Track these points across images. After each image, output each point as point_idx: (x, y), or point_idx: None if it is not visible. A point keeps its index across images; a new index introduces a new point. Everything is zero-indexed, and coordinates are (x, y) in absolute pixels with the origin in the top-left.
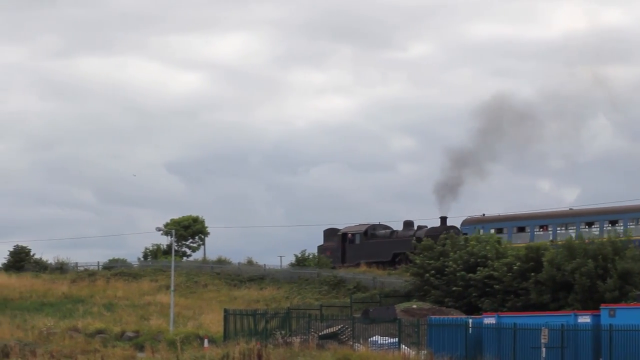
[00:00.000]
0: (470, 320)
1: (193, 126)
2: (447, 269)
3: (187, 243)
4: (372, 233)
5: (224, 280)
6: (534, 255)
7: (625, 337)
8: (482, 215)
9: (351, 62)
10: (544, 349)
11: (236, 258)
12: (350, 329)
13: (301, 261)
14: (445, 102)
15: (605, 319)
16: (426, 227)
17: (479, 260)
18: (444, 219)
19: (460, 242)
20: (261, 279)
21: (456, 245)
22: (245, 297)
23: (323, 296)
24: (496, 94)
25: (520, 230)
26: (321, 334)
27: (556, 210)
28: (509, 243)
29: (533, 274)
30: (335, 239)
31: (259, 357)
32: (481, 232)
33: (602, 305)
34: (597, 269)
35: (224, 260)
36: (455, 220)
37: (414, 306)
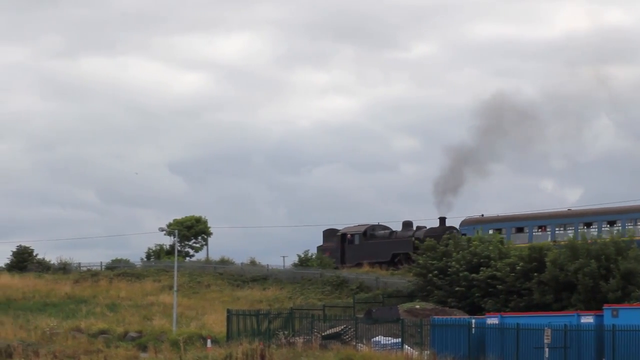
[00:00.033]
0: (473, 321)
1: (196, 126)
2: (450, 269)
3: (190, 243)
4: (372, 233)
5: (227, 281)
6: (536, 255)
7: (628, 338)
8: (481, 215)
9: (354, 62)
10: (546, 349)
11: (239, 258)
12: (353, 329)
13: (304, 261)
14: (448, 102)
15: (608, 319)
16: (425, 228)
17: (482, 260)
18: (443, 220)
19: (463, 243)
20: (264, 279)
21: (459, 245)
22: (248, 298)
23: (326, 296)
24: (497, 92)
25: (519, 231)
26: (324, 334)
27: (555, 211)
28: (511, 243)
29: (536, 274)
30: (335, 240)
31: (262, 358)
32: (480, 233)
33: (605, 306)
34: (600, 269)
35: (227, 260)
36: (454, 221)
37: (417, 306)
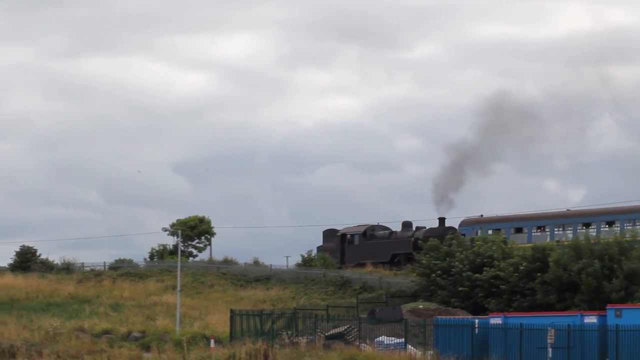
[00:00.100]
0: (476, 321)
1: (199, 126)
2: (454, 269)
3: (193, 243)
4: (371, 234)
5: (230, 281)
6: (540, 255)
7: (631, 337)
8: (480, 216)
9: (357, 62)
10: (550, 349)
11: (242, 258)
12: (356, 329)
13: (307, 261)
14: (452, 102)
15: (611, 319)
16: (425, 228)
17: (485, 260)
18: (442, 220)
19: (467, 243)
20: (267, 279)
21: (462, 245)
22: (252, 298)
23: (329, 296)
24: (498, 90)
25: (518, 231)
26: (327, 334)
27: (553, 211)
28: (513, 243)
29: (539, 274)
30: (335, 240)
31: (265, 358)
32: (479, 233)
33: (609, 306)
34: (604, 270)
35: (230, 260)
36: (456, 221)
37: (420, 306)
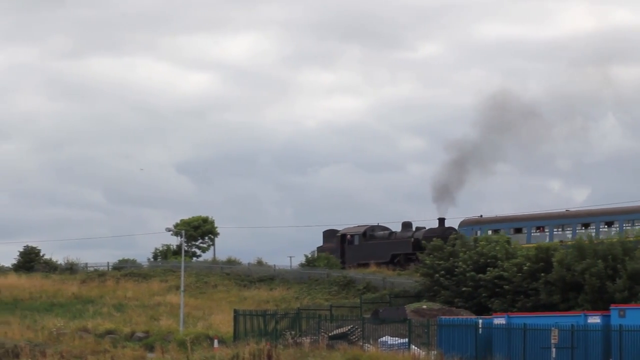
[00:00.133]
0: (480, 321)
1: (202, 126)
2: (457, 269)
3: (197, 243)
4: (371, 234)
5: (234, 281)
6: (543, 255)
7: (635, 338)
8: (480, 216)
9: (360, 62)
10: (554, 350)
11: (246, 258)
12: (360, 330)
13: (311, 261)
14: (455, 102)
15: (615, 320)
16: (424, 229)
17: (489, 260)
18: (442, 220)
19: (470, 243)
20: (271, 280)
21: (466, 245)
22: (255, 298)
23: (333, 296)
24: (501, 88)
25: (518, 232)
26: (331, 334)
27: (553, 212)
28: (516, 243)
29: (543, 274)
30: (335, 240)
31: (269, 358)
32: (478, 234)
33: (612, 306)
34: (607, 270)
35: (234, 260)
36: (455, 222)
37: (424, 306)
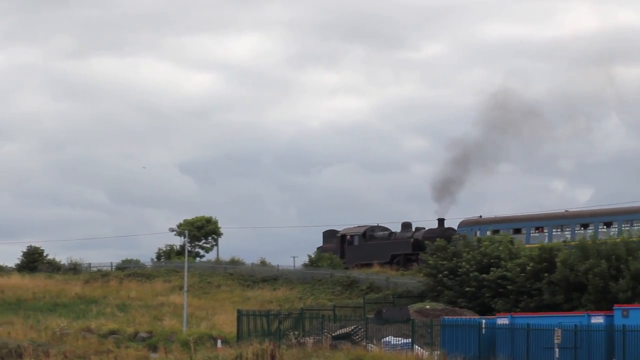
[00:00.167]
0: (483, 321)
1: (206, 126)
2: (460, 269)
3: (200, 244)
4: (371, 234)
5: (237, 281)
6: (547, 255)
7: (638, 338)
8: (479, 217)
9: (364, 63)
10: (557, 350)
11: (249, 259)
12: (363, 330)
13: (314, 262)
14: (459, 102)
15: (618, 320)
16: (424, 229)
17: (492, 260)
18: (441, 221)
19: (474, 243)
20: (274, 280)
21: (469, 245)
22: (259, 298)
23: (336, 297)
24: (502, 87)
25: (517, 232)
26: (334, 334)
27: (551, 212)
28: (520, 243)
29: (546, 274)
30: (334, 241)
31: (272, 358)
32: (478, 234)
33: (615, 306)
34: (610, 270)
35: (237, 260)
36: (456, 222)
37: (427, 307)
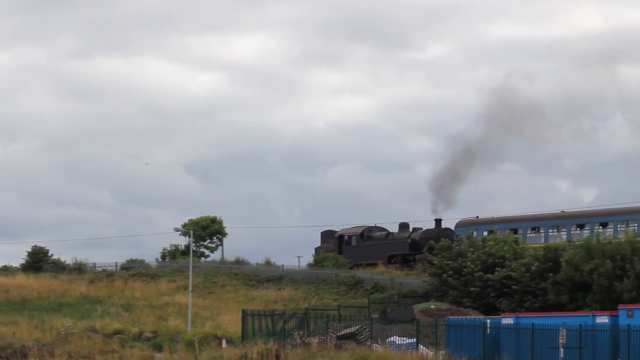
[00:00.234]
0: (488, 321)
1: (210, 126)
2: (465, 269)
3: (205, 243)
4: (368, 235)
5: (242, 281)
6: (552, 255)
7: None
8: (476, 217)
9: (369, 62)
10: (562, 350)
11: (254, 258)
12: (368, 330)
13: (319, 261)
14: (464, 102)
15: (623, 320)
16: (421, 229)
17: (497, 260)
18: (438, 221)
19: (478, 243)
20: (279, 280)
21: (474, 245)
22: (263, 298)
23: (341, 296)
24: (508, 87)
25: (513, 232)
26: (339, 334)
27: (548, 213)
28: (525, 243)
29: (551, 274)
30: (332, 241)
31: (277, 358)
32: (474, 234)
33: (620, 306)
34: (615, 270)
35: (242, 260)
36: (452, 222)
37: (432, 306)
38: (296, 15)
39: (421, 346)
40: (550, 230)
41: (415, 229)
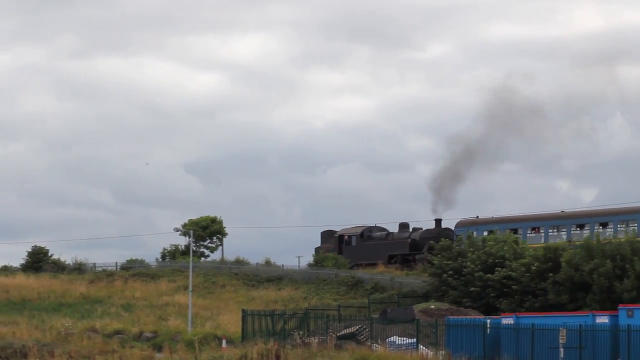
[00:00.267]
0: (488, 321)
1: (211, 126)
2: (465, 269)
3: (205, 243)
4: (368, 235)
5: (242, 281)
6: (552, 255)
7: None
8: (476, 217)
9: (369, 62)
10: (562, 350)
11: (254, 258)
12: (368, 330)
13: (319, 261)
14: (464, 102)
15: (623, 320)
16: (421, 229)
17: (497, 260)
18: (438, 221)
19: (478, 243)
20: (279, 280)
21: (474, 245)
22: (263, 298)
23: (341, 296)
24: (508, 87)
25: (513, 232)
26: (339, 334)
27: (548, 213)
28: (525, 243)
29: (551, 274)
30: (332, 241)
31: (277, 358)
32: (474, 234)
33: (620, 306)
34: (615, 270)
35: (242, 260)
36: (452, 222)
37: (432, 306)
38: (296, 15)
39: (421, 346)
40: (550, 230)
41: (415, 229)
